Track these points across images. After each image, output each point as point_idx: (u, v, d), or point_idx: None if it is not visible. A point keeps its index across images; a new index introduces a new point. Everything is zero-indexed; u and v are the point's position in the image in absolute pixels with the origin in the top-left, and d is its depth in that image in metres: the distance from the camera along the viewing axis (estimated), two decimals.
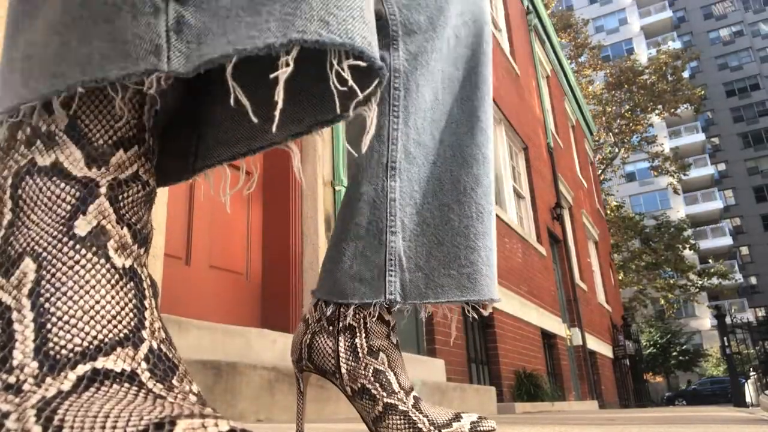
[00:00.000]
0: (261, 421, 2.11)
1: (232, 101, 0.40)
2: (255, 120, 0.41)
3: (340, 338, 0.86)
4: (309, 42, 0.38)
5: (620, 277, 24.38)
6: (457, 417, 0.85)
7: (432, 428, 0.81)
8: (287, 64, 0.38)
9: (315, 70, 0.45)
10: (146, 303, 0.40)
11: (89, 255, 0.38)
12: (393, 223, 0.85)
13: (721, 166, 52.40)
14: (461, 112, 0.92)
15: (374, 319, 0.86)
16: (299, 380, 0.91)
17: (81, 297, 0.36)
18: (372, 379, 0.84)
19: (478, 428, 0.86)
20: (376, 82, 0.43)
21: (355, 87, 0.41)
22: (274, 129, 0.41)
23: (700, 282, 27.96)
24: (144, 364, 0.37)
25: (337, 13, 0.40)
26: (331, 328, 0.87)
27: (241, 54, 0.38)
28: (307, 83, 0.48)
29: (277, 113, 0.39)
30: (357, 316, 0.86)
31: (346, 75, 0.41)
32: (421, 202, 0.87)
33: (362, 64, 0.41)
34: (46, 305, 0.35)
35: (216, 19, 0.40)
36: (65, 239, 0.38)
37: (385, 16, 0.87)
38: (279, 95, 0.38)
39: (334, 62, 0.40)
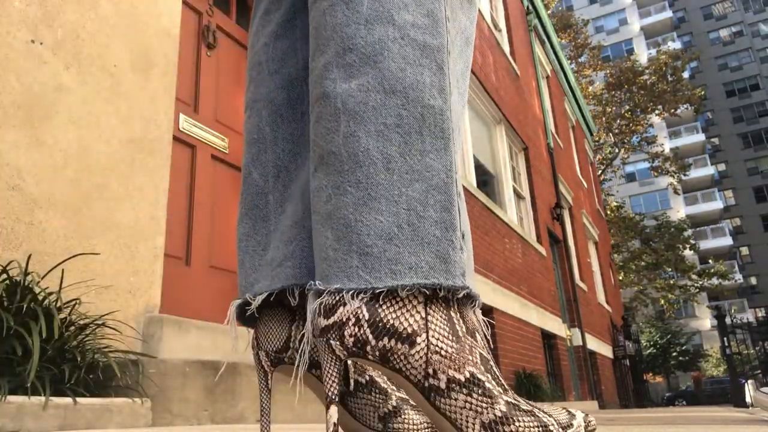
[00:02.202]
0: None
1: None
2: None
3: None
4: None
5: (620, 278, 24.38)
6: None
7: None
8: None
9: None
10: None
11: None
12: None
13: (721, 167, 52.39)
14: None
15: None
16: (267, 376, 0.80)
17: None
18: (379, 371, 0.75)
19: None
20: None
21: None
22: None
23: (700, 282, 27.94)
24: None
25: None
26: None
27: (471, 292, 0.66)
28: None
29: None
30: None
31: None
32: None
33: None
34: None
35: (468, 267, 0.65)
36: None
37: None
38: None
39: None
